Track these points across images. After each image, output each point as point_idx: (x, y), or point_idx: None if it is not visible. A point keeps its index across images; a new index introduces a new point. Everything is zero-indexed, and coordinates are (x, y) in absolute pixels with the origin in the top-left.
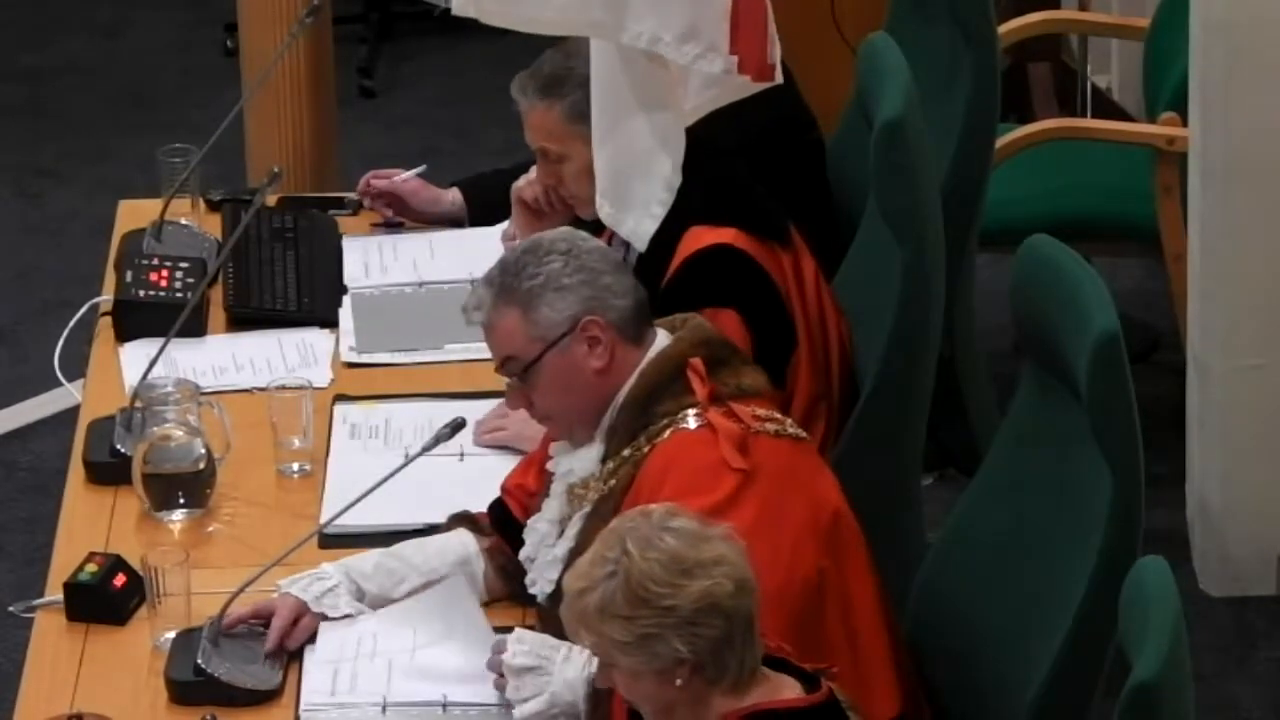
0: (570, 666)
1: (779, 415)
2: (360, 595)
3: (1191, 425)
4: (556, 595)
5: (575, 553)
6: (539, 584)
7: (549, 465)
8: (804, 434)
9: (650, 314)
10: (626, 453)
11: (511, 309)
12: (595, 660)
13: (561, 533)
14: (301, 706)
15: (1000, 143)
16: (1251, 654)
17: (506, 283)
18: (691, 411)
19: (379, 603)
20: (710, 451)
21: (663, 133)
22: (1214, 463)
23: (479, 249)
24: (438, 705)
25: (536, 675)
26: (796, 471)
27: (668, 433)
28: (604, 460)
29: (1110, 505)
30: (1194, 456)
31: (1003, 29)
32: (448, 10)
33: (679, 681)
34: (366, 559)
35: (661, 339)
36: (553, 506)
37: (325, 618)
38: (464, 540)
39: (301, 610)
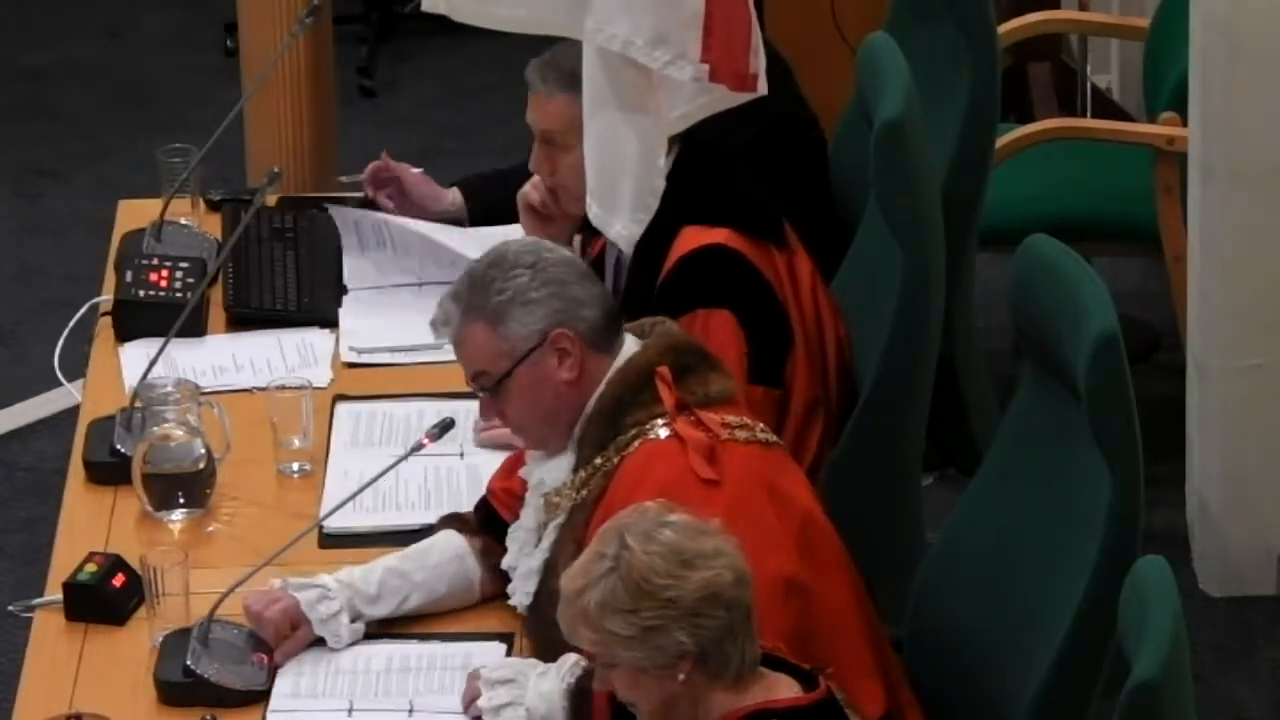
0: (545, 680)
1: (749, 420)
2: (356, 617)
3: (1191, 425)
4: (535, 606)
5: (550, 563)
6: (518, 595)
7: (521, 473)
8: (775, 438)
9: (620, 320)
10: (598, 462)
11: (479, 324)
12: (572, 670)
13: (538, 541)
14: (269, 708)
15: (1000, 143)
16: (1251, 654)
17: (474, 298)
18: (660, 421)
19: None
20: (679, 462)
21: (647, 138)
22: (1214, 463)
23: (482, 249)
24: (403, 711)
25: (511, 687)
26: (766, 477)
27: (636, 443)
28: (575, 470)
29: (1110, 505)
30: (1194, 456)
31: (1003, 29)
32: None
33: (681, 676)
34: (371, 578)
35: (630, 345)
36: (529, 514)
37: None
38: (453, 542)
39: (299, 618)
